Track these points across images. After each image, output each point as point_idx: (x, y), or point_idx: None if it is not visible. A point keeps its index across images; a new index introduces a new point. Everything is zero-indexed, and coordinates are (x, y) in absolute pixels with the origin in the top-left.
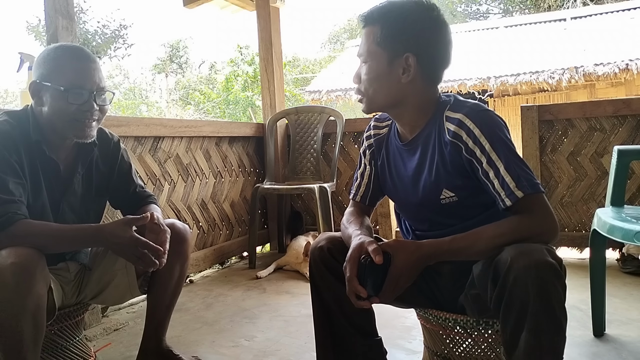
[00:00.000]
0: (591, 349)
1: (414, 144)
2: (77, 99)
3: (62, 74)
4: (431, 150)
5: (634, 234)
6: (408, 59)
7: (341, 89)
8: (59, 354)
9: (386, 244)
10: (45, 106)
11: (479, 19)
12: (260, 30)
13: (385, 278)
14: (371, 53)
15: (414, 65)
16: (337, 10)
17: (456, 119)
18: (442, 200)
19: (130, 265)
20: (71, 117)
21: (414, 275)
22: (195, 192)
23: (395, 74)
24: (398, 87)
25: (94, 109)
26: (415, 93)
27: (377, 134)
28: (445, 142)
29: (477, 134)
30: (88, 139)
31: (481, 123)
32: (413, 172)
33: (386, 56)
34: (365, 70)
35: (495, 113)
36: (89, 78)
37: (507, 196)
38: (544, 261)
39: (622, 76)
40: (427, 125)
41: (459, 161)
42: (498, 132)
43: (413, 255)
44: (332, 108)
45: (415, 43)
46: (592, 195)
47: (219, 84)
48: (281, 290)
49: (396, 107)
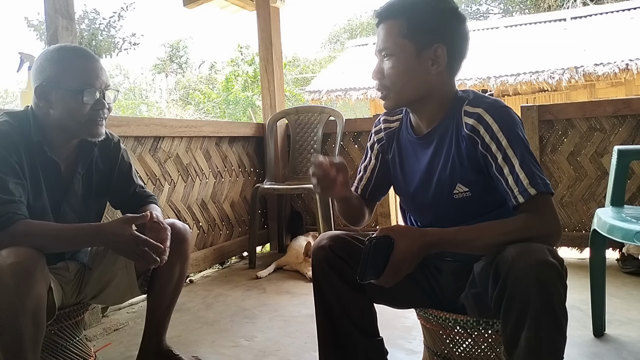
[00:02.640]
0: (591, 349)
1: (429, 137)
2: (90, 98)
3: (72, 75)
4: (447, 145)
5: (634, 234)
6: (437, 49)
7: (341, 89)
8: (59, 354)
9: (390, 228)
10: (54, 108)
11: (479, 19)
12: (260, 30)
13: (387, 263)
14: (397, 46)
15: (443, 56)
16: (337, 10)
17: (475, 114)
18: (455, 195)
19: (131, 264)
20: (87, 118)
21: (416, 261)
22: (195, 192)
23: (424, 65)
24: (427, 80)
25: (105, 107)
26: (440, 85)
27: (388, 128)
28: (463, 136)
29: (495, 129)
30: (100, 137)
31: (500, 119)
32: (426, 165)
33: (414, 48)
34: (391, 64)
35: (513, 110)
36: (98, 77)
37: (520, 193)
38: (545, 261)
39: (622, 76)
40: (444, 119)
41: (475, 156)
42: (516, 129)
43: (417, 242)
44: (332, 108)
45: (444, 33)
46: (592, 195)
47: (219, 84)
48: (281, 290)
49: (422, 101)
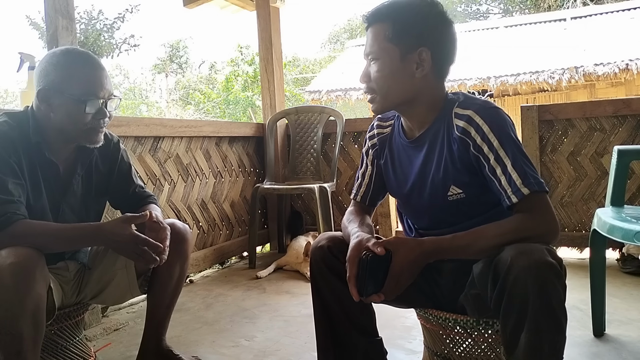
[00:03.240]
0: (591, 349)
1: (421, 140)
2: (92, 108)
3: (76, 83)
4: (439, 147)
5: (634, 234)
6: (422, 53)
7: (341, 89)
8: (59, 354)
9: (387, 240)
10: (55, 113)
11: (479, 19)
12: (260, 30)
13: (387, 275)
14: (383, 50)
15: (428, 60)
16: (337, 10)
17: (466, 116)
18: (450, 196)
19: (130, 264)
20: (87, 127)
21: (415, 272)
22: (195, 192)
23: (408, 69)
24: (412, 83)
25: (106, 116)
26: (427, 89)
27: (381, 133)
28: (454, 138)
29: (485, 130)
30: (98, 144)
31: (491, 120)
32: (419, 168)
33: (398, 52)
34: (377, 67)
35: (503, 111)
36: (102, 86)
37: (513, 193)
38: (544, 261)
39: (622, 76)
40: (435, 122)
41: (467, 157)
42: (507, 130)
43: (414, 252)
44: (332, 108)
45: (428, 37)
46: (592, 195)
47: (219, 84)
48: (281, 290)
49: (408, 104)
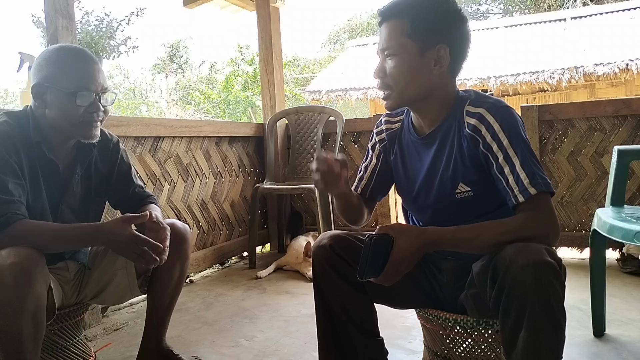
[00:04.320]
0: (591, 349)
1: (431, 137)
2: (84, 101)
3: (67, 77)
4: (450, 144)
5: (634, 234)
6: (440, 50)
7: (341, 89)
8: (59, 354)
9: (389, 226)
10: (49, 108)
11: (479, 19)
12: (260, 30)
13: (387, 261)
14: (400, 45)
15: (446, 57)
16: (337, 10)
17: (477, 114)
18: (458, 194)
19: (130, 264)
20: (80, 120)
21: (415, 259)
22: (195, 192)
23: (427, 65)
24: (429, 79)
25: (100, 110)
26: (441, 85)
27: (390, 129)
28: (465, 136)
29: (496, 129)
30: (94, 139)
31: (502, 119)
32: (429, 165)
33: (417, 48)
34: (394, 63)
35: (515, 110)
36: (94, 79)
37: (520, 192)
38: (543, 261)
39: (622, 76)
40: (446, 119)
41: (476, 155)
42: (517, 129)
43: (416, 240)
44: (332, 108)
45: (447, 34)
46: (592, 195)
47: (219, 84)
48: (281, 290)
49: (422, 101)
